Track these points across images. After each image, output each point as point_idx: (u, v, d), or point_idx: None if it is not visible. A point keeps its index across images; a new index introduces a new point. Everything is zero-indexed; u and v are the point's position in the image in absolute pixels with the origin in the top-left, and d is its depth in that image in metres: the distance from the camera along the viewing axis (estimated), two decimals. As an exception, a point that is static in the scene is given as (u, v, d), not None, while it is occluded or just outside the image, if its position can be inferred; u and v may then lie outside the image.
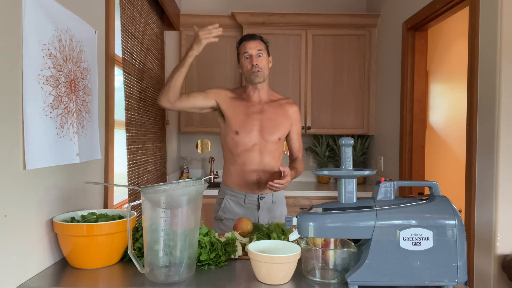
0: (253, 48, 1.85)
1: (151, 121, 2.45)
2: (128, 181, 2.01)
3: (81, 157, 1.30)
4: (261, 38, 1.91)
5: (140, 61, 2.23)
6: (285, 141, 2.03)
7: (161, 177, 2.73)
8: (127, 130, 2.00)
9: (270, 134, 1.89)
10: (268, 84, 1.96)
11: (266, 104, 1.92)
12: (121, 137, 1.99)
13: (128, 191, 2.04)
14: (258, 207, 1.91)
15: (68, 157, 1.22)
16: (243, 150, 1.87)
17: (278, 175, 1.93)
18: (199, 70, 3.28)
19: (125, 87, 1.97)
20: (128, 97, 2.00)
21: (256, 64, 1.83)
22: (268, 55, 1.92)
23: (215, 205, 2.01)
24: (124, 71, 1.96)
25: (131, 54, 2.07)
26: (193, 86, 3.25)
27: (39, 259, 1.11)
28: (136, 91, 2.16)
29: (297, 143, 2.01)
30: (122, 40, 1.92)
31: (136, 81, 2.16)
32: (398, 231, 0.98)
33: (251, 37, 1.89)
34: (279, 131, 1.91)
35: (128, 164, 2.01)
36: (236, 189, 1.92)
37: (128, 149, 2.00)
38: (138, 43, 2.19)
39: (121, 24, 1.90)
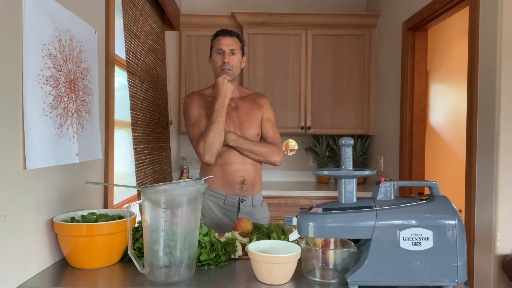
0: (227, 44, 1.77)
1: (155, 121, 2.45)
2: (136, 181, 2.00)
3: (81, 157, 1.30)
4: (238, 36, 1.83)
5: (142, 61, 2.23)
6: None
7: (167, 177, 2.71)
8: (133, 130, 1.99)
9: (249, 128, 1.83)
10: (238, 82, 1.91)
11: (239, 100, 1.86)
12: (121, 137, 1.99)
13: (138, 192, 2.03)
14: (238, 209, 1.82)
15: (68, 157, 1.22)
16: (224, 149, 1.76)
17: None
18: (199, 69, 3.28)
19: (129, 87, 1.97)
20: (132, 97, 2.00)
21: (228, 62, 1.76)
22: (242, 55, 1.85)
23: None
24: (128, 71, 1.96)
25: (134, 54, 2.07)
26: (193, 83, 3.26)
27: (39, 259, 1.11)
28: (140, 91, 2.16)
29: (269, 130, 1.88)
30: (125, 40, 1.92)
31: (140, 81, 2.16)
32: (398, 231, 0.98)
33: (227, 33, 1.80)
34: (257, 126, 1.86)
35: (136, 164, 2.00)
36: (216, 189, 1.82)
37: (134, 148, 2.00)
38: (140, 43, 2.19)
39: (123, 24, 1.90)
